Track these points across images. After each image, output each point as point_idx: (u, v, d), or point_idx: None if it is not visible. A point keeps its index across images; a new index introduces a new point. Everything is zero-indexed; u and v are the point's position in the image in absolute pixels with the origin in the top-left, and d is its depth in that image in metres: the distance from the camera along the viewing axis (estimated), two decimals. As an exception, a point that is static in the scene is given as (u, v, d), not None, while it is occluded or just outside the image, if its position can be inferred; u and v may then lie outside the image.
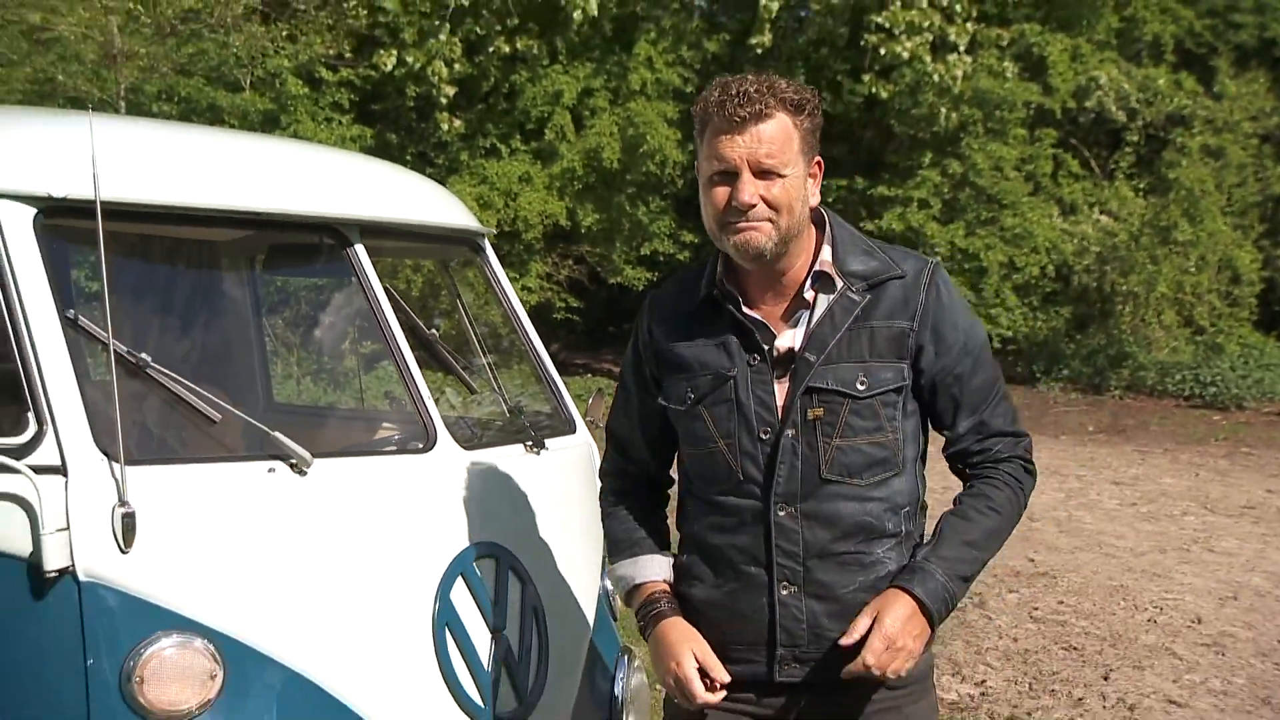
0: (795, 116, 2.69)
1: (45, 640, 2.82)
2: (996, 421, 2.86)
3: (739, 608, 2.81)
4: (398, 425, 3.38)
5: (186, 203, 3.19)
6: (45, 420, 2.85)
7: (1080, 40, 21.04)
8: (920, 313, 2.78)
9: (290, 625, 2.95)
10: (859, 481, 2.76)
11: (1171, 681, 7.32)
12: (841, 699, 2.79)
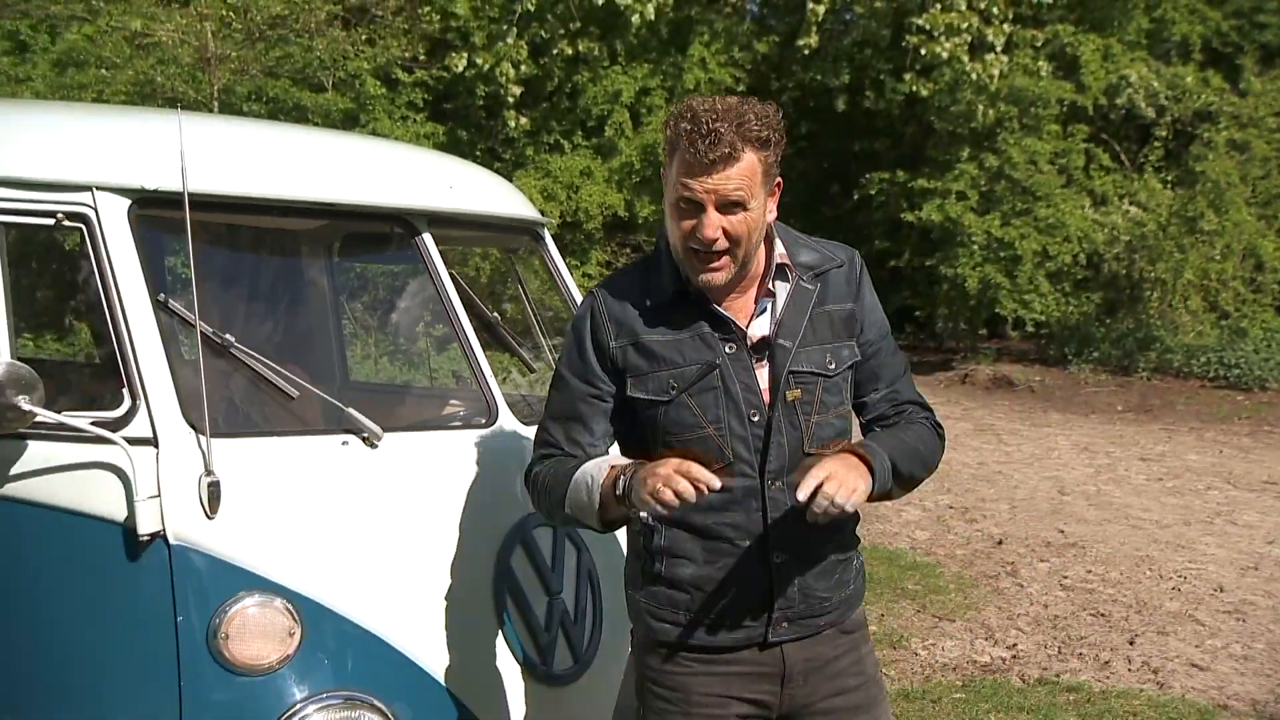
0: (761, 153, 2.69)
1: (139, 598, 2.85)
2: (907, 392, 3.00)
3: (736, 580, 2.82)
4: (463, 402, 3.40)
5: (267, 194, 3.21)
6: (139, 396, 2.87)
7: (1111, 40, 20.89)
8: (856, 294, 2.92)
9: (362, 587, 2.98)
10: (829, 451, 2.78)
11: (1194, 647, 7.27)
12: (814, 647, 2.87)
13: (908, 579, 8.49)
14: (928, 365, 21.76)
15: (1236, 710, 6.30)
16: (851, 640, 2.92)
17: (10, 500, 2.90)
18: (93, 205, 2.98)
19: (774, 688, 2.86)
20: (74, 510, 2.86)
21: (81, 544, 2.87)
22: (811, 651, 2.86)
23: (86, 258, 2.98)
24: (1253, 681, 6.73)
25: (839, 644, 2.89)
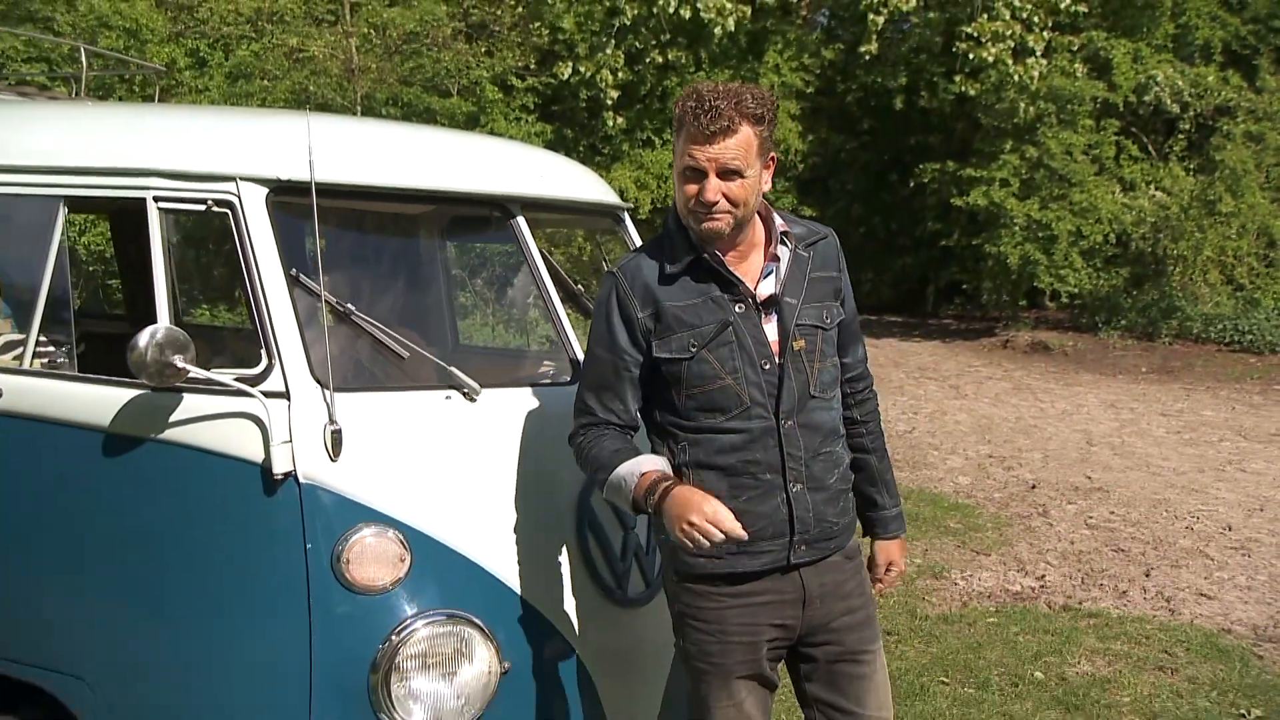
0: (756, 127, 2.73)
1: (274, 528, 2.87)
2: (866, 355, 3.18)
3: (760, 509, 2.83)
4: (551, 362, 3.40)
5: (384, 183, 3.22)
6: (274, 356, 2.90)
7: (1140, 44, 20.56)
8: (839, 266, 3.00)
9: (463, 521, 2.99)
10: (828, 395, 2.93)
11: (1203, 578, 7.19)
12: (827, 573, 2.92)
13: (949, 519, 8.44)
14: (974, 332, 21.56)
15: (1238, 634, 6.22)
16: (854, 565, 2.99)
17: (167, 443, 2.93)
18: (236, 194, 3.00)
19: (796, 612, 2.88)
20: (220, 452, 2.89)
21: (225, 481, 2.89)
22: (825, 577, 2.90)
23: (232, 239, 3.01)
24: (1254, 609, 6.65)
25: (845, 569, 2.96)
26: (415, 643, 2.85)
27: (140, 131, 3.33)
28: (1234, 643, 6.06)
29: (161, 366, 2.79)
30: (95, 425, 3.01)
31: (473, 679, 2.90)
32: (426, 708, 2.86)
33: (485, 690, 2.91)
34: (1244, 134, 20.23)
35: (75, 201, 3.30)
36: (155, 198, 3.07)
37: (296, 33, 16.25)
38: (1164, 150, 21.52)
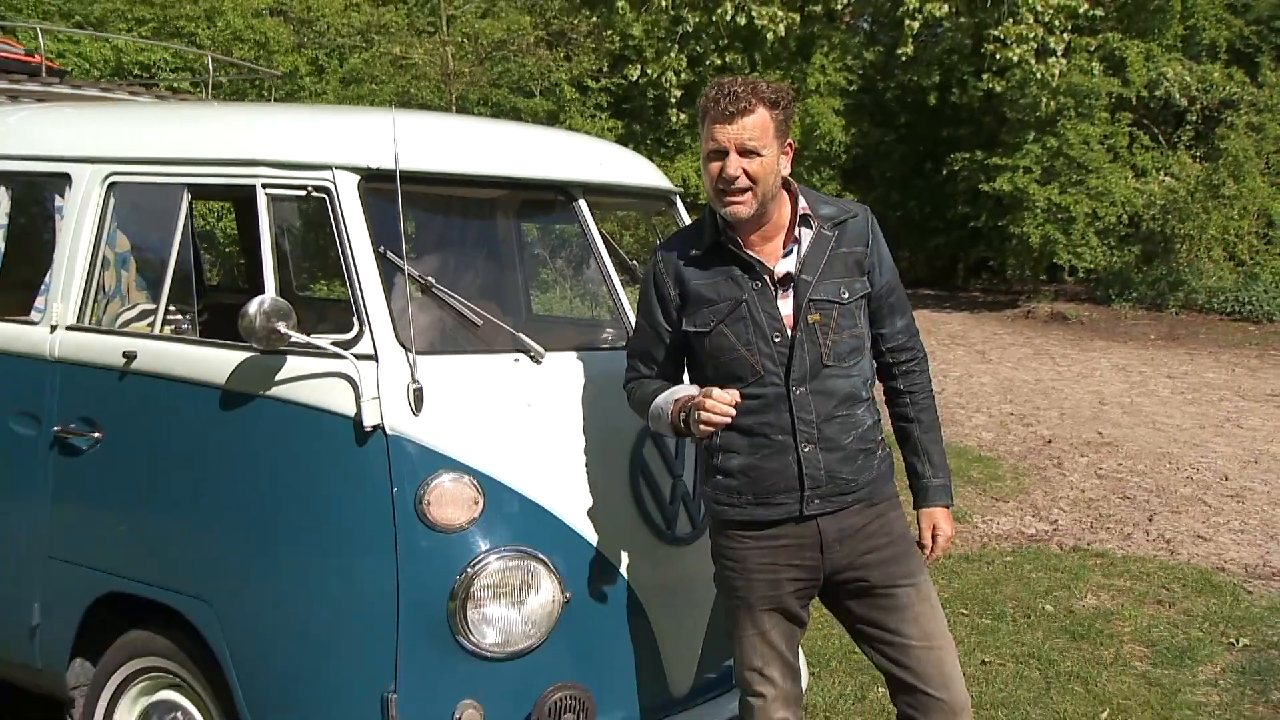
0: (772, 110, 2.71)
1: (365, 474, 2.87)
2: (913, 326, 3.00)
3: (773, 466, 2.80)
4: (609, 329, 3.38)
5: (460, 170, 3.21)
6: (364, 323, 2.89)
7: (1152, 44, 20.21)
8: (869, 242, 2.87)
9: (528, 469, 2.97)
10: (845, 365, 2.82)
11: (1200, 523, 7.08)
12: (845, 519, 2.84)
13: (973, 469, 8.36)
14: (999, 304, 21.29)
15: (1230, 572, 6.13)
16: (878, 510, 2.87)
17: (273, 399, 2.95)
18: (332, 181, 3.00)
19: (815, 554, 2.84)
20: (318, 407, 2.90)
21: (323, 433, 2.90)
22: (843, 522, 2.83)
23: (328, 221, 3.01)
24: (1246, 550, 6.55)
25: (867, 514, 2.85)
26: (488, 575, 2.84)
27: (250, 127, 3.35)
28: (1226, 580, 5.98)
29: (268, 332, 2.80)
30: (213, 383, 3.03)
31: (538, 607, 2.89)
32: (498, 631, 2.86)
33: (549, 617, 2.90)
34: (1246, 125, 19.92)
35: (197, 189, 3.34)
36: (263, 185, 3.08)
37: (400, 42, 16.33)
38: (1173, 140, 21.12)
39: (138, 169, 3.37)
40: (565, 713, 2.89)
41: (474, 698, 2.85)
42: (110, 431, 3.25)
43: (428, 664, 2.84)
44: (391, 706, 2.81)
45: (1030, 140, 19.77)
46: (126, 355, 3.20)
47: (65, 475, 3.33)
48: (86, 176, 3.42)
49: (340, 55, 16.48)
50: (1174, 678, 4.76)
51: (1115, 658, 4.94)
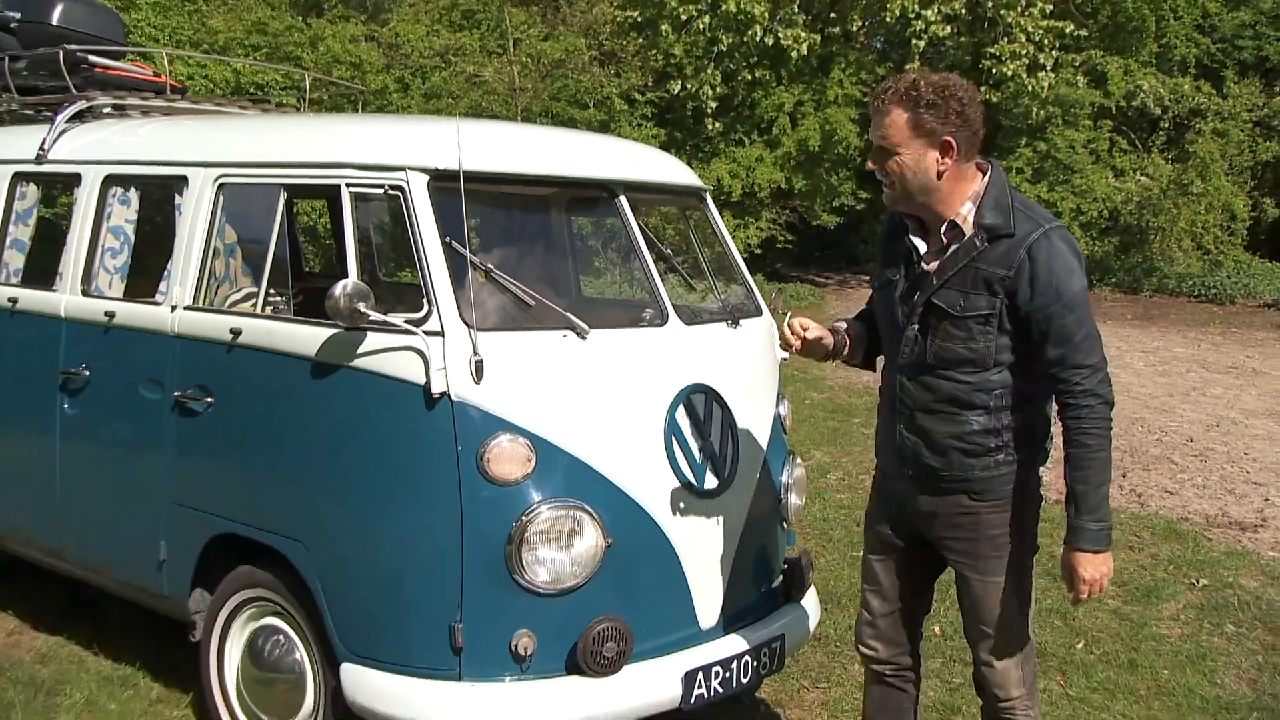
0: (908, 111, 2.43)
1: (433, 435, 2.86)
2: (1077, 356, 2.45)
3: (887, 431, 2.74)
4: (646, 310, 3.33)
5: (515, 170, 3.18)
6: (432, 303, 2.88)
7: (1130, 60, 19.83)
8: (1017, 265, 2.42)
9: (575, 429, 2.95)
10: (952, 370, 2.55)
11: (1168, 479, 6.95)
12: (937, 502, 2.67)
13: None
14: (994, 288, 21.05)
15: (1193, 522, 6.03)
16: (975, 505, 2.60)
17: (355, 369, 2.95)
18: (405, 180, 2.98)
19: (908, 514, 2.77)
20: (393, 376, 2.89)
21: (397, 398, 2.89)
22: (933, 505, 2.67)
23: (402, 215, 3.00)
24: (1207, 503, 6.43)
25: (963, 505, 2.61)
26: (540, 522, 2.83)
27: (336, 135, 3.36)
28: (1189, 529, 5.87)
29: (351, 311, 2.80)
30: (305, 355, 3.03)
31: (584, 551, 2.88)
32: (549, 571, 2.85)
33: (593, 560, 2.89)
34: (1212, 131, 19.79)
35: (292, 188, 3.34)
36: (347, 185, 3.07)
37: (474, 62, 16.31)
38: (1148, 144, 20.80)
39: (243, 172, 3.38)
40: (607, 642, 2.87)
41: (528, 628, 2.84)
42: (220, 396, 3.27)
43: (488, 599, 2.84)
44: (457, 635, 2.82)
45: (1022, 145, 19.50)
46: (233, 331, 3.22)
47: (184, 433, 3.36)
48: (201, 178, 3.43)
49: (423, 74, 16.46)
50: (1141, 613, 4.67)
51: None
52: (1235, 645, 4.38)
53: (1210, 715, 3.78)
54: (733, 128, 18.84)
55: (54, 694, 3.70)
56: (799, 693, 3.84)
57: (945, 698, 3.67)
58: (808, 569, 3.48)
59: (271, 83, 14.07)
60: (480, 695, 2.82)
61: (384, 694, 2.87)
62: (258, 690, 3.27)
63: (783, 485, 3.46)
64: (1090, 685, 3.96)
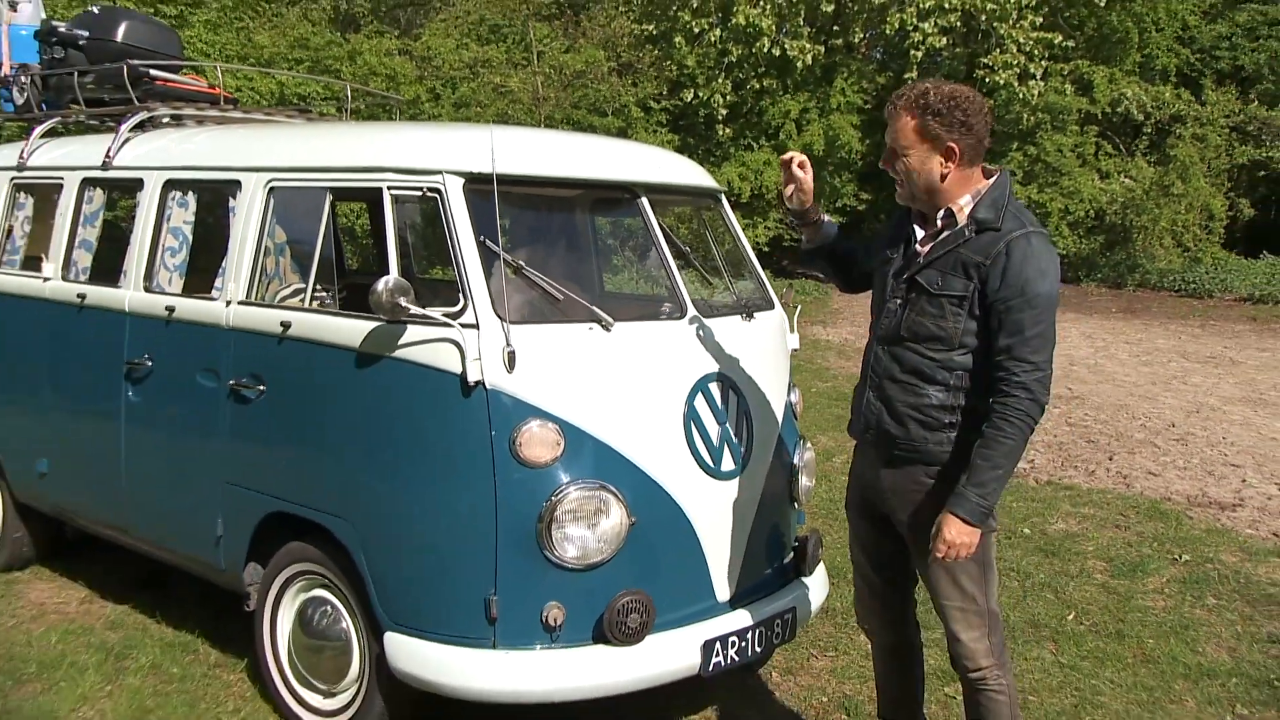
0: (916, 118, 2.46)
1: (469, 421, 2.85)
2: (1024, 350, 2.42)
3: (857, 397, 2.77)
4: (666, 303, 3.31)
5: (544, 173, 3.17)
6: (468, 298, 2.87)
7: (1114, 70, 19.64)
8: (994, 255, 2.43)
9: (601, 415, 2.94)
10: (921, 345, 2.56)
11: (1151, 461, 6.90)
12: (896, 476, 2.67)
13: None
14: (986, 283, 20.92)
15: (1175, 502, 5.99)
16: (929, 482, 2.60)
17: (396, 359, 2.94)
18: (442, 183, 2.97)
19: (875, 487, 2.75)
20: (432, 366, 2.89)
21: (436, 386, 2.89)
22: (892, 480, 2.67)
23: (439, 216, 2.99)
24: (1188, 484, 6.38)
25: (919, 480, 2.61)
26: (568, 502, 2.83)
27: (377, 142, 3.34)
28: (1171, 508, 5.83)
29: (392, 305, 2.80)
30: (350, 346, 3.03)
31: (609, 528, 2.87)
32: (576, 547, 2.85)
33: (618, 537, 2.89)
34: (1191, 136, 19.50)
35: (337, 191, 3.33)
36: (388, 188, 3.07)
37: (500, 73, 16.25)
38: (1131, 148, 20.54)
39: (291, 176, 3.38)
40: (631, 613, 2.87)
41: (558, 600, 2.85)
42: (272, 385, 3.28)
43: (521, 573, 2.84)
44: (492, 606, 2.82)
45: (1014, 149, 19.26)
46: (283, 324, 3.22)
47: (239, 419, 3.37)
48: (253, 183, 3.44)
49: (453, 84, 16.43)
50: (1128, 587, 4.64)
51: (1080, 571, 4.83)
52: (1215, 617, 4.35)
53: (1193, 682, 3.75)
54: (742, 133, 18.74)
55: (123, 658, 3.75)
56: (808, 661, 3.83)
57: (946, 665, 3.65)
58: (817, 546, 3.47)
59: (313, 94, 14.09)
60: (513, 662, 2.82)
61: (424, 660, 2.88)
62: (307, 657, 3.28)
63: (794, 468, 3.45)
64: (1080, 654, 3.94)
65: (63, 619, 4.08)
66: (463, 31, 17.53)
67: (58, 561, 4.63)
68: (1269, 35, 20.66)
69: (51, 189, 4.28)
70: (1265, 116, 19.90)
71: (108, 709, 3.39)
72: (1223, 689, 3.70)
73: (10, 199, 4.45)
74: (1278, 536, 5.41)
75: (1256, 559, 5.04)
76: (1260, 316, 15.86)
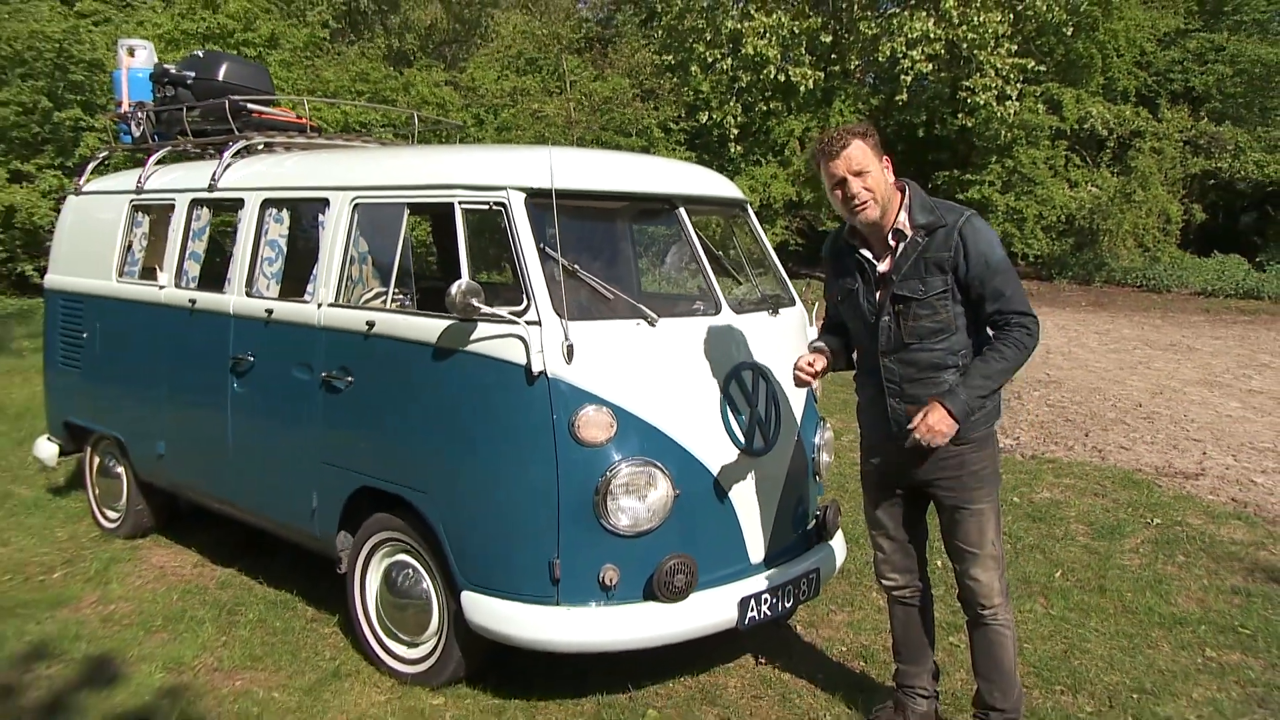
0: (862, 140, 2.54)
1: (533, 406, 2.87)
2: (1014, 305, 2.55)
3: (875, 409, 2.73)
4: (703, 302, 3.31)
5: (596, 188, 3.17)
6: (531, 298, 2.89)
7: (1081, 91, 19.35)
8: (954, 245, 2.54)
9: (648, 400, 2.95)
10: (927, 342, 2.61)
11: (1123, 437, 6.83)
12: (926, 453, 2.66)
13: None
14: (967, 280, 20.77)
15: (1145, 472, 5.94)
16: (960, 449, 2.64)
17: (468, 353, 2.96)
18: (507, 198, 2.98)
19: (902, 470, 2.75)
20: (500, 358, 2.90)
21: (504, 376, 2.90)
22: (925, 453, 2.66)
23: (505, 227, 3.00)
24: (1156, 456, 6.32)
25: (949, 451, 2.64)
26: (621, 477, 2.85)
27: (449, 162, 3.34)
28: (1142, 478, 5.78)
29: (465, 305, 2.82)
30: (426, 341, 3.05)
31: (656, 499, 2.89)
32: (628, 516, 2.87)
33: (664, 507, 2.90)
34: (1149, 149, 19.30)
35: (413, 206, 3.34)
36: (459, 202, 3.08)
37: (536, 100, 16.25)
38: (1097, 160, 20.26)
39: (373, 193, 3.39)
40: (677, 574, 2.89)
41: (613, 563, 2.87)
42: (359, 376, 3.30)
43: (580, 539, 2.86)
44: (555, 568, 2.85)
45: (993, 161, 19.12)
46: (368, 323, 3.25)
47: (330, 406, 3.40)
48: (340, 200, 3.45)
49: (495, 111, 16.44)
50: (1107, 547, 4.61)
51: (1064, 534, 4.79)
52: (1185, 572, 4.31)
53: (1167, 629, 3.73)
54: (751, 150, 18.67)
55: (233, 613, 3.80)
56: (828, 615, 3.84)
57: (949, 618, 3.64)
58: (836, 514, 3.47)
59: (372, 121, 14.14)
60: (574, 617, 2.85)
61: (497, 615, 2.91)
62: (393, 613, 3.32)
63: (815, 446, 3.45)
64: (1068, 606, 3.92)
65: (180, 580, 4.15)
66: (503, 64, 17.53)
67: (172, 531, 4.69)
68: (1215, 60, 20.41)
69: (165, 209, 4.32)
70: (1214, 132, 19.69)
71: (224, 656, 3.44)
72: (1193, 635, 3.68)
73: (130, 218, 4.49)
74: (1236, 501, 5.36)
75: (1219, 521, 5.00)
76: (1212, 309, 15.69)
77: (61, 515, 4.95)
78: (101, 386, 4.58)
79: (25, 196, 11.97)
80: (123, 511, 4.63)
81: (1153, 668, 3.41)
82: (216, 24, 14.06)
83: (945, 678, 3.17)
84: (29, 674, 3.28)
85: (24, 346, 9.88)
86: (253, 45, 14.26)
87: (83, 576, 4.15)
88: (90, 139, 12.30)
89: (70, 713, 3.04)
